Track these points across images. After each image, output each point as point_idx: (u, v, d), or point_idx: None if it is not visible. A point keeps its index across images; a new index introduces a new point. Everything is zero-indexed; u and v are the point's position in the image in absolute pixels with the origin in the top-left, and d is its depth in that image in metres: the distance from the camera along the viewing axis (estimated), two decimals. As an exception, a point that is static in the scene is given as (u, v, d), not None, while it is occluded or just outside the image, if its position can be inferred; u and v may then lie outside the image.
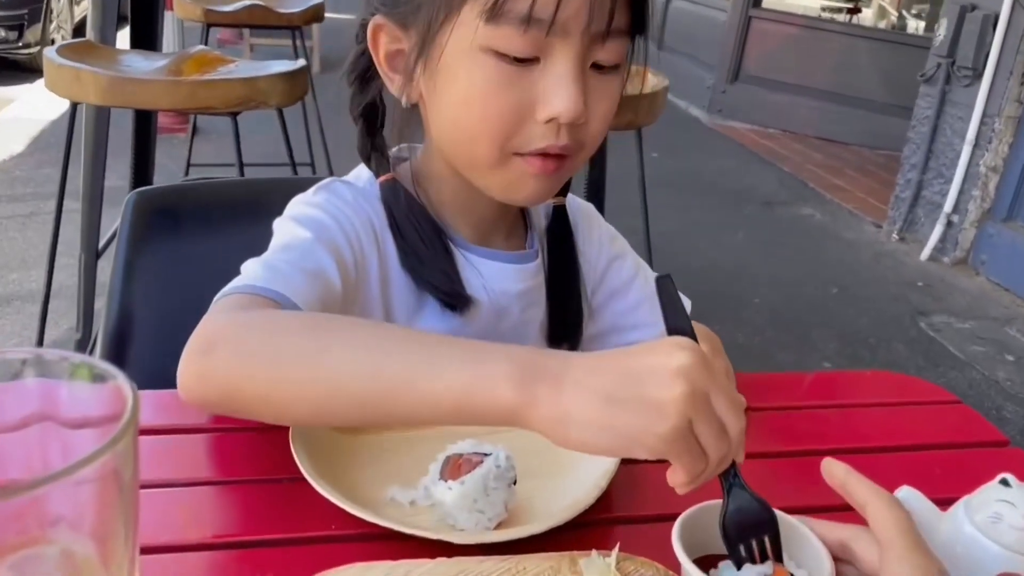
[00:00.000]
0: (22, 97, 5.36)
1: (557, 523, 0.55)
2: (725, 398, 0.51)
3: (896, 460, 0.66)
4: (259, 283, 0.66)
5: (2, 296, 3.00)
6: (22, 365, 0.39)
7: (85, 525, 0.36)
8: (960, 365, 3.11)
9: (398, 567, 0.50)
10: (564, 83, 0.68)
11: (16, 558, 0.36)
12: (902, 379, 0.82)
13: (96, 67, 1.75)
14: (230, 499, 0.58)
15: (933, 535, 0.54)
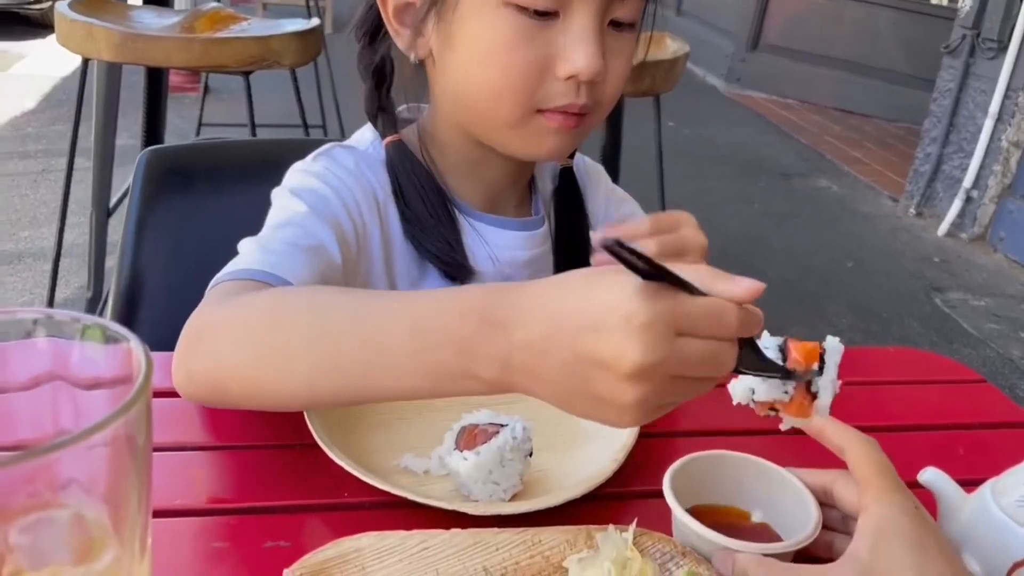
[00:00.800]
0: (34, 53, 5.33)
1: (573, 496, 0.54)
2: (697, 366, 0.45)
3: (920, 439, 0.65)
4: (254, 266, 0.64)
5: (13, 253, 3.01)
6: (33, 324, 0.38)
7: (98, 489, 0.35)
8: (974, 342, 3.08)
9: (412, 537, 0.49)
10: (585, 39, 0.67)
11: (27, 521, 0.35)
12: (926, 356, 0.81)
13: (108, 23, 1.72)
14: (243, 464, 0.58)
15: (957, 516, 0.53)
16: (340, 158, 0.78)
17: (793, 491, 0.55)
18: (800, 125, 5.52)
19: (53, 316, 0.37)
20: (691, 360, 0.45)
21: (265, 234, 0.70)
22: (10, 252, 3.00)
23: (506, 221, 0.82)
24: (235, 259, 0.67)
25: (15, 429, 0.41)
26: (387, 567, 0.48)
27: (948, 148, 4.06)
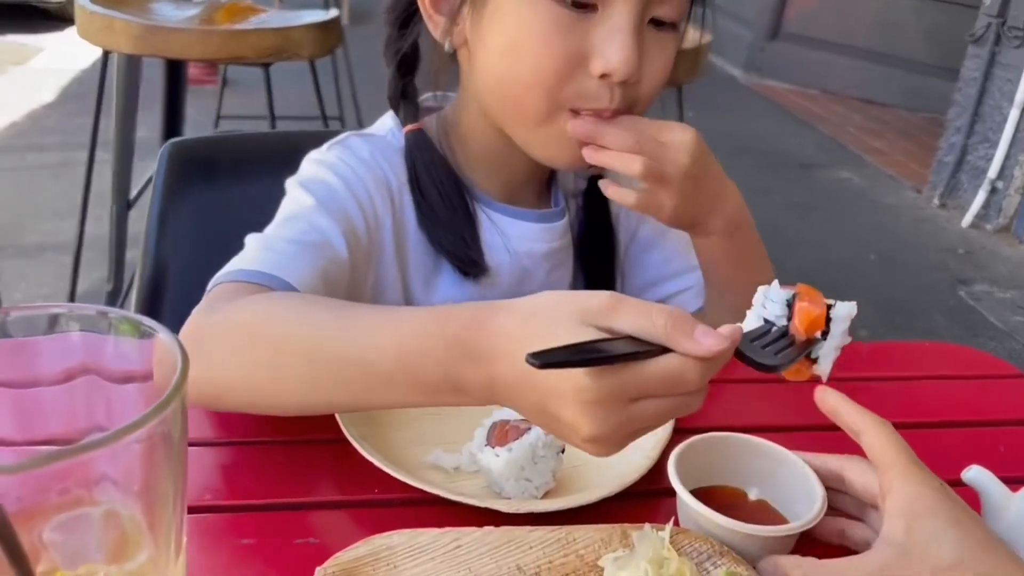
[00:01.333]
0: (52, 46, 5.36)
1: (606, 494, 0.53)
2: (658, 419, 0.47)
3: (960, 436, 0.63)
4: (254, 267, 0.64)
5: (35, 246, 3.03)
6: (65, 319, 0.37)
7: (132, 487, 0.34)
8: (1000, 335, 3.04)
9: (446, 535, 0.48)
10: (621, 36, 0.65)
11: (61, 519, 0.34)
12: (959, 350, 0.79)
13: (128, 15, 1.72)
14: (274, 460, 0.57)
15: (1004, 515, 0.51)
16: (355, 147, 0.78)
17: (794, 469, 0.55)
18: (821, 115, 5.46)
19: (85, 311, 0.36)
20: (651, 416, 0.46)
21: (270, 230, 0.70)
22: (31, 245, 3.02)
23: (525, 212, 0.80)
24: (238, 256, 0.67)
25: (48, 423, 0.40)
26: (419, 565, 0.47)
27: (973, 138, 4.01)
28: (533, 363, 0.42)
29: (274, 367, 0.54)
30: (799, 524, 0.50)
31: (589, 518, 0.51)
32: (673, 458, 0.53)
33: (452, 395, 0.50)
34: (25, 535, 0.32)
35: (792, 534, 0.50)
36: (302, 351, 0.54)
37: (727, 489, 0.55)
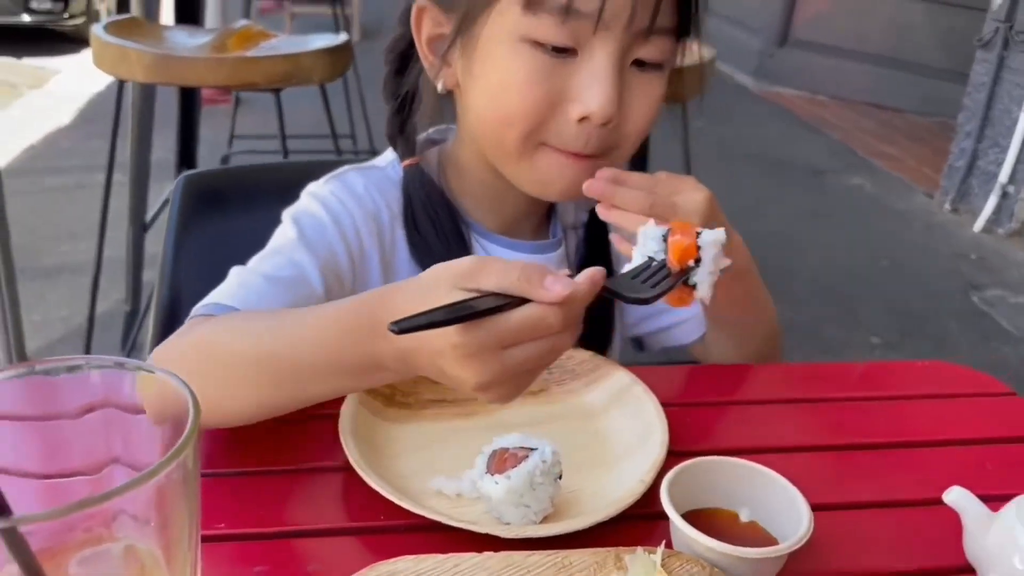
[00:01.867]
0: (68, 69, 5.44)
1: (602, 518, 0.55)
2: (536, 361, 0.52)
3: (945, 454, 0.65)
4: (225, 301, 0.68)
5: (53, 267, 3.08)
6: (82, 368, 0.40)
7: (151, 523, 0.37)
8: (1014, 341, 3.04)
9: (447, 560, 0.51)
10: (599, 79, 0.66)
11: (85, 554, 0.37)
12: (956, 370, 0.80)
13: (142, 44, 1.77)
14: (278, 487, 0.59)
15: (984, 536, 0.53)
16: (350, 182, 0.80)
17: (783, 491, 0.56)
18: (831, 121, 5.47)
19: (103, 362, 0.39)
20: (527, 359, 0.52)
21: (253, 262, 0.74)
22: (49, 266, 3.07)
23: (520, 244, 0.82)
24: (217, 289, 0.71)
25: (70, 455, 0.43)
26: (422, 590, 0.49)
27: (983, 143, 4.00)
28: (392, 330, 0.48)
29: (225, 381, 0.60)
30: (786, 545, 0.52)
31: (585, 542, 0.53)
32: (666, 483, 0.55)
33: (377, 373, 0.57)
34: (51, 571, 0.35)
35: (780, 555, 0.52)
36: (246, 361, 0.60)
37: (720, 511, 0.57)
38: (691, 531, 0.52)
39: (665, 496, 0.54)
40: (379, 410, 0.66)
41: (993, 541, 0.52)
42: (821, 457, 0.66)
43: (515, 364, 0.51)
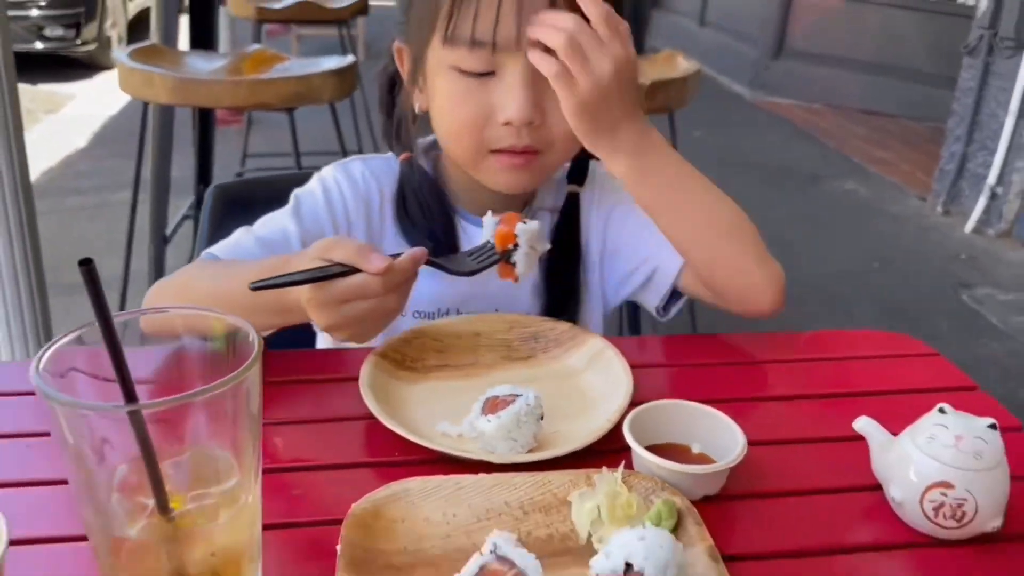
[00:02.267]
0: (82, 93, 5.60)
1: (575, 448, 0.67)
2: (368, 314, 0.70)
3: (869, 403, 0.75)
4: (219, 252, 0.88)
5: (77, 283, 3.17)
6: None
7: (226, 436, 0.49)
8: (1001, 336, 3.14)
9: (450, 480, 0.63)
10: (513, 93, 0.81)
11: (176, 460, 0.49)
12: (891, 336, 0.92)
13: (164, 69, 1.91)
14: (317, 433, 0.72)
15: (886, 456, 0.65)
16: (350, 168, 0.97)
17: (726, 426, 0.68)
18: (826, 128, 5.58)
19: (185, 310, 0.52)
20: (359, 313, 0.70)
21: (255, 224, 0.92)
22: (74, 283, 3.17)
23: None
24: (221, 241, 0.90)
25: (169, 379, 0.54)
26: (430, 502, 0.61)
27: (972, 146, 4.11)
28: (251, 287, 0.68)
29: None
30: (722, 463, 0.64)
31: (561, 467, 0.65)
32: (628, 419, 0.67)
33: (287, 313, 0.74)
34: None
35: (717, 471, 0.64)
36: (206, 297, 0.78)
37: (675, 445, 0.69)
38: (647, 454, 0.64)
39: (627, 429, 0.66)
40: (392, 372, 0.78)
41: (893, 460, 0.64)
42: (763, 405, 0.78)
43: (351, 315, 0.70)
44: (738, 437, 0.66)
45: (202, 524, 0.48)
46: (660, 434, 0.69)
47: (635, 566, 0.53)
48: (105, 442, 0.46)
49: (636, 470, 0.66)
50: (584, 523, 0.60)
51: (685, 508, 0.61)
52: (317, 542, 0.59)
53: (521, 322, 0.86)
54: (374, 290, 0.69)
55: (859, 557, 0.62)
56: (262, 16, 3.23)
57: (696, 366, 0.85)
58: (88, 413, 0.44)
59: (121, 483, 0.48)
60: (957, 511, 0.60)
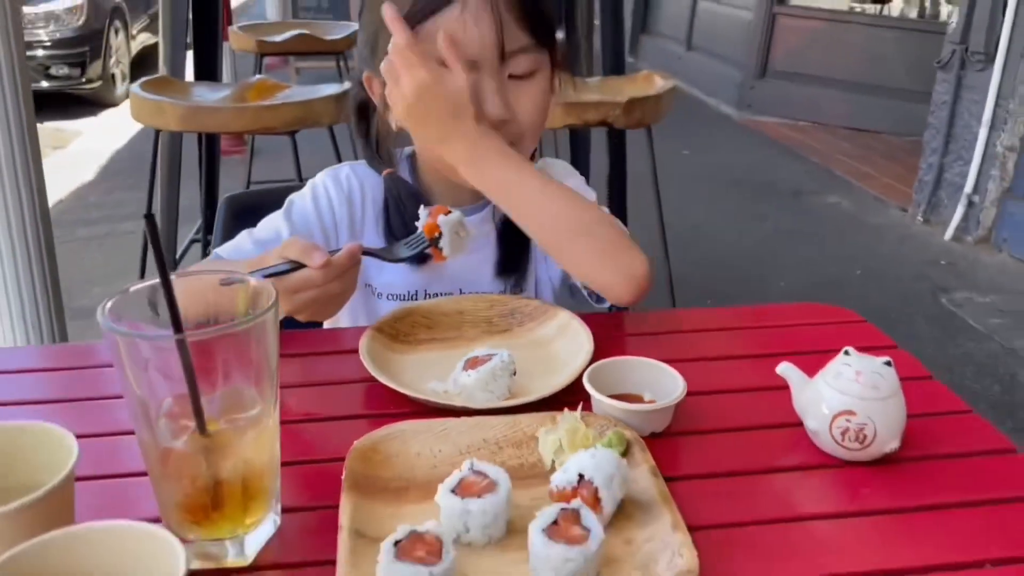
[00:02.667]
0: (88, 129, 5.77)
1: (543, 395, 0.79)
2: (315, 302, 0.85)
3: (796, 360, 0.86)
4: (219, 251, 1.01)
5: (89, 307, 3.33)
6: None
7: (250, 371, 0.61)
8: (979, 336, 3.25)
9: (437, 422, 0.74)
10: (485, 97, 0.93)
11: (212, 396, 0.61)
12: (827, 308, 1.04)
13: (175, 99, 2.04)
14: (327, 393, 0.84)
15: (804, 393, 0.77)
16: (337, 173, 1.09)
17: (671, 376, 0.80)
18: (811, 145, 5.74)
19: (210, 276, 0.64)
20: (308, 299, 0.84)
21: (252, 230, 1.03)
22: (85, 307, 3.32)
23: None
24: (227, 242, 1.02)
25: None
26: (419, 440, 0.73)
27: (948, 157, 4.26)
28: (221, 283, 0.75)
29: None
30: (665, 402, 0.76)
31: (531, 412, 0.77)
32: (587, 372, 0.79)
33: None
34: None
35: (662, 408, 0.76)
36: None
37: (629, 395, 0.80)
38: (602, 396, 0.76)
39: (586, 379, 0.78)
40: (387, 344, 0.90)
41: (808, 396, 0.76)
42: (706, 363, 0.90)
43: (302, 302, 0.84)
44: (680, 383, 0.78)
45: (233, 440, 0.60)
46: (616, 385, 0.81)
47: (586, 476, 0.65)
48: (155, 375, 0.58)
49: (595, 413, 0.78)
50: (548, 453, 0.72)
51: (633, 438, 0.73)
52: (326, 474, 0.71)
53: (500, 301, 0.98)
54: (316, 281, 0.83)
55: (781, 476, 0.74)
56: (262, 49, 3.38)
57: (652, 334, 0.98)
58: (143, 343, 0.56)
59: (167, 412, 0.60)
60: (859, 434, 0.72)
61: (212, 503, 0.60)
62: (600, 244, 0.95)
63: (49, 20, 5.92)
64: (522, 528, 0.62)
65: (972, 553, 0.64)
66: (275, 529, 0.65)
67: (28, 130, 1.97)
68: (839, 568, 0.63)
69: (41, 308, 2.22)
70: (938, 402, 0.84)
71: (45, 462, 0.57)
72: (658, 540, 0.63)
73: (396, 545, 0.58)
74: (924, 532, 0.67)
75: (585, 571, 0.59)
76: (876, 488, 0.71)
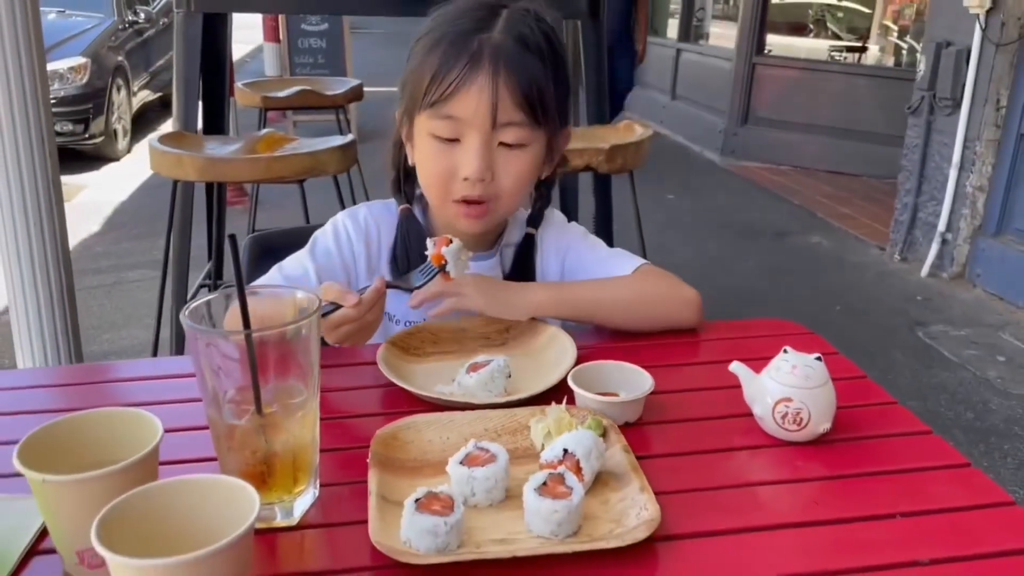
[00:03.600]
0: (93, 183, 5.94)
1: (534, 393, 0.94)
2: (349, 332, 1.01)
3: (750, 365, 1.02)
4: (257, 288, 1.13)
5: (98, 353, 3.46)
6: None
7: (297, 366, 0.75)
8: (953, 367, 3.40)
9: (445, 415, 0.89)
10: (470, 156, 1.08)
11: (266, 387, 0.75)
12: (781, 323, 1.20)
13: (191, 152, 2.21)
14: (349, 397, 0.99)
15: (752, 387, 0.92)
16: (356, 213, 1.23)
17: (641, 376, 0.94)
18: (793, 188, 5.95)
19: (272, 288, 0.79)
20: (347, 332, 1.00)
21: (285, 261, 1.18)
22: (95, 352, 3.46)
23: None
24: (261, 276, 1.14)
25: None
26: (431, 429, 0.87)
27: (922, 197, 4.46)
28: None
29: None
30: (634, 395, 0.91)
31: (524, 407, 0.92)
32: (571, 374, 0.94)
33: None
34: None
35: (633, 399, 0.90)
36: None
37: (607, 392, 0.95)
38: (583, 391, 0.91)
39: (570, 379, 0.93)
40: (400, 356, 1.05)
41: (755, 388, 0.91)
42: (675, 368, 1.05)
43: (342, 335, 1.00)
44: (648, 380, 0.93)
45: (283, 420, 0.74)
46: (596, 385, 0.95)
47: (569, 450, 0.79)
48: (221, 369, 0.73)
49: (578, 406, 0.93)
50: (539, 438, 0.87)
51: (609, 425, 0.88)
52: (354, 458, 0.85)
53: (496, 321, 1.13)
54: (352, 317, 0.99)
55: (733, 454, 0.88)
56: (267, 104, 3.57)
57: (627, 344, 1.12)
58: (217, 339, 0.71)
59: (230, 400, 0.74)
60: (796, 417, 0.87)
61: (267, 472, 0.74)
62: (662, 297, 1.17)
63: (53, 78, 6.10)
64: (518, 495, 0.77)
65: (886, 508, 0.79)
66: (315, 498, 0.79)
67: (53, 183, 2.13)
68: (777, 520, 0.77)
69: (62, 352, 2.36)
70: (869, 396, 0.99)
71: (138, 438, 0.71)
72: (628, 500, 0.77)
73: (416, 502, 0.72)
74: (847, 494, 0.81)
75: (569, 521, 0.73)
76: (809, 461, 0.86)
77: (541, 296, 1.14)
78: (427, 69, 1.08)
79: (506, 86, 1.06)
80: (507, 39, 1.07)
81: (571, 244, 1.27)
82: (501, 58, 1.05)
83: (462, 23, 1.08)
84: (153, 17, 7.86)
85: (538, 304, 1.13)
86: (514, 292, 1.13)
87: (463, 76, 1.05)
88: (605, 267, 1.21)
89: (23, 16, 1.96)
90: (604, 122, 2.74)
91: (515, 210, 1.21)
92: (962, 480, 0.84)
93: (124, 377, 1.14)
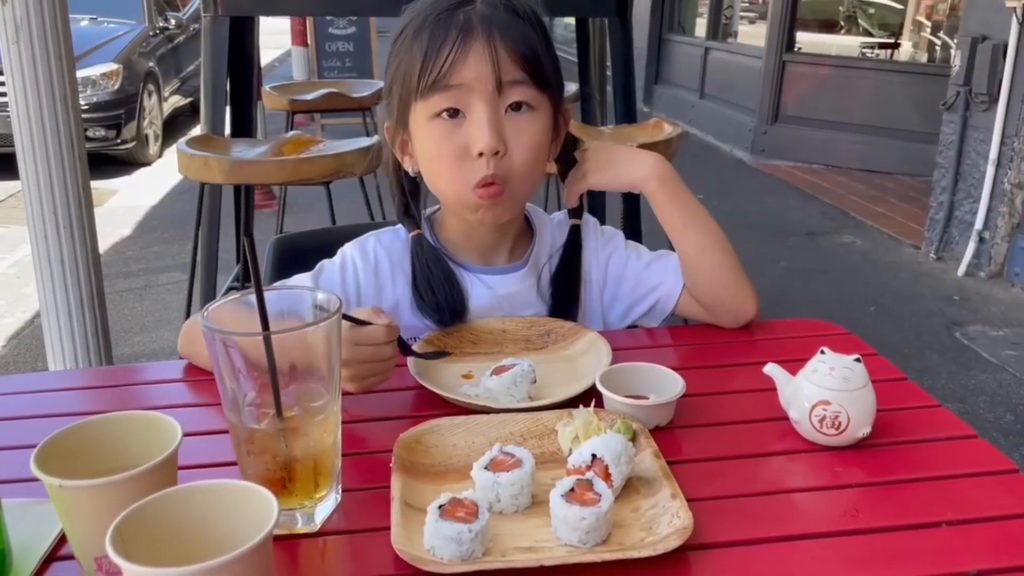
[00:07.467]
0: (124, 188, 6.01)
1: (559, 400, 0.91)
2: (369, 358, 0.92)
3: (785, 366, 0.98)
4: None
5: (129, 355, 3.49)
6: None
7: (319, 369, 0.74)
8: (992, 368, 3.32)
9: (470, 418, 0.86)
10: (480, 125, 0.99)
11: (287, 390, 0.74)
12: (818, 324, 1.16)
13: (219, 154, 2.22)
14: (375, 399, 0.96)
15: (788, 389, 0.88)
16: (363, 244, 1.16)
17: (672, 379, 0.91)
18: (825, 187, 5.86)
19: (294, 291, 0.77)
20: (364, 356, 0.91)
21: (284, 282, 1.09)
22: (126, 355, 3.48)
23: (495, 270, 1.15)
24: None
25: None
26: (455, 434, 0.85)
27: (958, 195, 4.36)
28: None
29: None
30: (666, 398, 0.88)
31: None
32: (599, 376, 0.91)
33: None
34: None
35: (664, 403, 0.87)
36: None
37: (637, 395, 0.92)
38: (612, 394, 0.88)
39: (599, 381, 0.90)
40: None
41: (791, 391, 0.87)
42: (704, 371, 1.02)
43: (360, 356, 0.91)
44: (680, 383, 0.90)
45: (303, 423, 0.73)
46: (626, 388, 0.92)
47: (598, 455, 0.77)
48: (240, 372, 0.71)
49: (606, 409, 0.90)
50: (566, 443, 0.84)
51: (639, 428, 0.85)
52: (377, 463, 0.83)
53: (538, 323, 1.11)
54: (380, 337, 0.91)
55: (768, 459, 0.85)
56: (294, 107, 3.58)
57: (659, 347, 1.10)
58: (237, 339, 0.69)
59: (250, 402, 0.73)
60: (835, 421, 0.83)
61: (288, 477, 0.72)
62: (738, 265, 1.16)
63: (86, 85, 6.18)
64: (544, 500, 0.74)
65: (931, 517, 0.75)
66: (337, 504, 0.77)
67: (83, 187, 2.15)
68: (815, 529, 0.74)
69: (92, 354, 2.38)
70: (909, 398, 0.96)
71: (157, 442, 0.69)
72: (660, 507, 0.74)
73: (440, 508, 0.70)
74: (889, 502, 0.78)
75: (598, 529, 0.70)
76: (848, 467, 0.83)
77: (652, 160, 1.15)
78: (416, 55, 1.01)
79: (503, 46, 1.00)
80: (493, 8, 1.02)
81: (613, 252, 1.21)
82: (493, 23, 1.00)
83: (441, 4, 1.03)
84: (184, 23, 7.95)
85: (652, 167, 1.14)
86: (628, 159, 1.15)
87: (458, 46, 0.99)
88: (650, 271, 1.17)
89: (53, 23, 1.97)
90: (632, 121, 2.70)
91: (531, 193, 1.12)
92: (1010, 487, 0.80)
93: (150, 380, 1.14)
